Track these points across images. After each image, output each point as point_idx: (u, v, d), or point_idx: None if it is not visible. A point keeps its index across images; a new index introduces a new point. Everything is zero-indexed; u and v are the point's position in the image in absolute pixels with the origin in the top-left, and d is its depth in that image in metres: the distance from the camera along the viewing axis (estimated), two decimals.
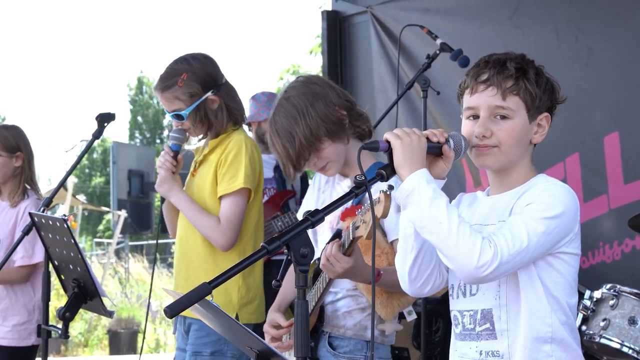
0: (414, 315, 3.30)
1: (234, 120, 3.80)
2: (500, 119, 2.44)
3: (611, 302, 4.01)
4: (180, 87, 3.69)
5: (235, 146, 3.70)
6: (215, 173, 3.71)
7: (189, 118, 3.73)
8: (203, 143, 3.86)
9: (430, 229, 2.28)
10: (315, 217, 2.20)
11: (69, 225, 3.58)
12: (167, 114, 3.80)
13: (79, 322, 13.04)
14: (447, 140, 2.39)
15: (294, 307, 2.20)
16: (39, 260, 4.48)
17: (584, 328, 4.03)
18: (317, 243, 3.34)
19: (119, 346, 12.73)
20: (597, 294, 4.07)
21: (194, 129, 3.76)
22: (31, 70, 71.45)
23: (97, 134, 4.00)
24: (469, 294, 2.49)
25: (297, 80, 3.34)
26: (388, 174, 2.31)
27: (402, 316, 3.31)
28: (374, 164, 3.22)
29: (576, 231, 2.42)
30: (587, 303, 4.07)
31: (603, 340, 3.96)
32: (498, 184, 2.53)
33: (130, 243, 22.48)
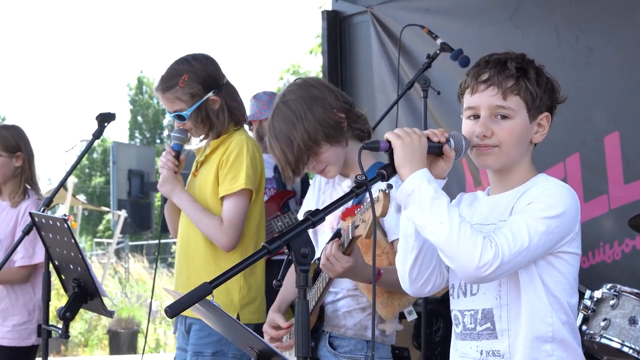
0: (414, 315, 3.30)
1: (235, 121, 3.80)
2: (501, 118, 2.44)
3: (611, 302, 4.00)
4: (181, 88, 3.70)
5: (237, 147, 3.70)
6: (216, 173, 3.71)
7: (191, 118, 3.73)
8: (204, 143, 3.86)
9: (431, 229, 2.28)
10: (315, 217, 2.20)
11: (69, 225, 3.58)
12: (168, 114, 3.80)
13: (79, 322, 13.04)
14: (448, 140, 2.39)
15: (295, 307, 2.20)
16: (39, 260, 4.47)
17: (584, 328, 4.03)
18: (318, 243, 3.34)
19: (119, 346, 12.73)
20: (598, 294, 4.07)
21: (196, 129, 3.76)
22: (31, 70, 71.50)
23: (98, 134, 4.01)
24: (470, 294, 2.48)
25: (295, 83, 3.33)
26: (389, 173, 2.31)
27: (403, 316, 3.31)
28: (374, 164, 3.22)
29: (577, 231, 2.42)
30: (588, 303, 4.07)
31: (603, 340, 3.96)
32: (498, 184, 2.53)
33: (130, 243, 22.48)
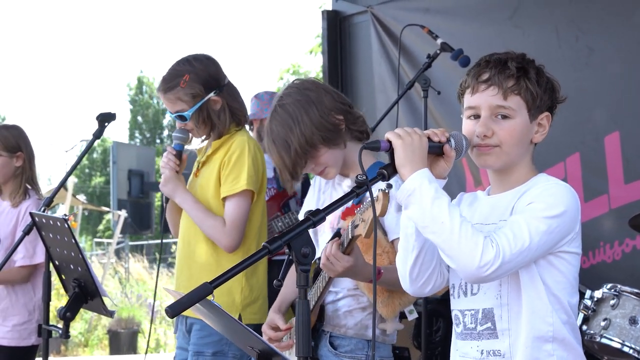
0: (415, 314, 3.29)
1: (236, 121, 3.80)
2: (502, 118, 2.44)
3: (612, 302, 4.00)
4: (182, 88, 3.70)
5: (239, 147, 3.70)
6: (218, 174, 3.72)
7: (192, 119, 3.73)
8: (206, 144, 3.87)
9: (432, 229, 2.28)
10: (316, 217, 2.20)
11: (69, 225, 3.59)
12: (170, 115, 3.80)
13: (79, 322, 13.04)
14: (449, 139, 2.39)
15: (295, 307, 2.20)
16: (40, 260, 4.47)
17: (584, 328, 4.02)
18: (318, 242, 3.34)
19: (119, 346, 12.73)
20: (598, 294, 4.06)
21: (197, 129, 3.76)
22: (31, 70, 71.49)
23: (98, 134, 4.01)
24: (470, 294, 2.48)
25: (292, 86, 3.32)
26: (389, 173, 2.31)
27: (404, 316, 3.31)
28: (374, 163, 3.22)
29: (577, 230, 2.42)
30: (588, 303, 4.06)
31: (604, 340, 3.95)
32: (499, 184, 2.53)
33: (130, 243, 22.47)
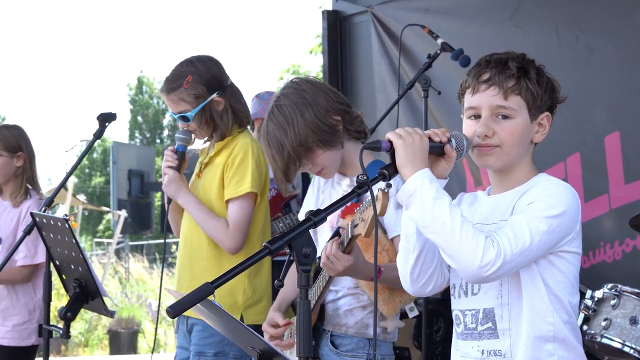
0: (415, 312, 3.29)
1: (239, 122, 3.80)
2: (502, 118, 2.44)
3: (612, 302, 4.00)
4: (185, 89, 3.70)
5: (242, 150, 3.71)
6: (222, 176, 3.72)
7: (195, 119, 3.73)
8: (208, 144, 3.87)
9: (433, 229, 2.28)
10: (317, 217, 2.20)
11: (70, 225, 3.59)
12: (172, 116, 3.80)
13: (79, 322, 13.04)
14: (449, 139, 2.39)
15: (296, 307, 2.20)
16: (41, 260, 4.47)
17: (585, 328, 4.02)
18: (318, 242, 3.34)
19: (119, 346, 12.74)
20: (599, 294, 4.06)
21: (200, 130, 3.77)
22: (31, 70, 71.46)
23: (99, 134, 4.01)
24: (471, 294, 2.49)
25: (289, 86, 3.31)
26: (390, 173, 2.31)
27: (405, 315, 3.31)
28: (372, 162, 3.22)
29: (577, 230, 2.42)
30: (589, 303, 4.06)
31: (604, 340, 3.95)
32: (499, 184, 2.53)
33: (130, 243, 22.47)
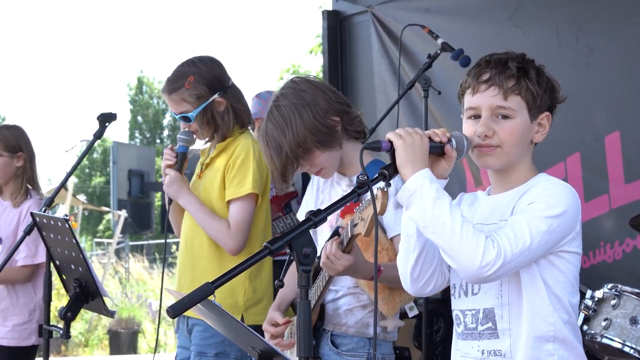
0: (415, 311, 3.28)
1: (240, 123, 3.81)
2: (502, 118, 2.44)
3: (612, 302, 4.00)
4: (187, 89, 3.71)
5: (243, 151, 3.71)
6: (223, 177, 3.72)
7: (196, 120, 3.74)
8: (209, 145, 3.87)
9: (433, 229, 2.28)
10: (317, 217, 2.20)
11: (70, 225, 3.59)
12: (174, 116, 3.80)
13: (79, 322, 13.04)
14: (449, 139, 2.39)
15: (296, 307, 2.20)
16: (41, 260, 4.47)
17: (585, 328, 4.02)
18: (317, 241, 3.34)
19: (119, 346, 12.74)
20: (599, 294, 4.06)
21: (201, 131, 3.77)
22: (31, 70, 71.44)
23: (99, 134, 4.02)
24: (471, 294, 2.49)
25: (288, 86, 3.30)
26: (390, 173, 2.31)
27: (405, 315, 3.31)
28: (372, 162, 3.23)
29: (577, 230, 2.42)
30: (589, 303, 4.06)
31: (604, 340, 3.95)
32: (499, 184, 2.53)
33: (130, 243, 22.46)
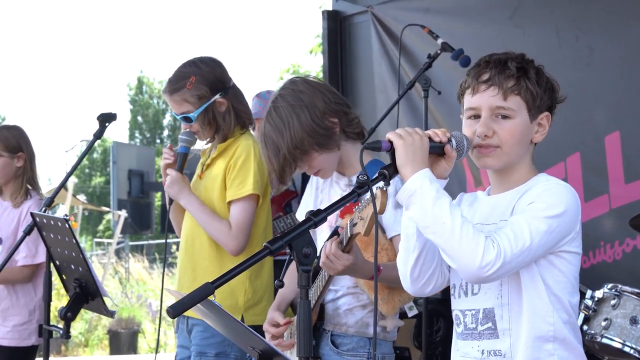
0: (415, 310, 3.28)
1: (241, 124, 3.81)
2: (502, 118, 2.44)
3: (612, 302, 4.00)
4: (188, 90, 3.71)
5: (244, 151, 3.71)
6: (224, 177, 3.73)
7: (198, 120, 3.74)
8: (210, 146, 3.87)
9: (433, 229, 2.28)
10: (317, 217, 2.20)
11: (70, 225, 3.59)
12: (175, 116, 3.80)
13: (79, 322, 13.04)
14: (449, 139, 2.39)
15: (296, 307, 2.20)
16: (42, 260, 4.48)
17: (585, 328, 4.02)
18: (317, 241, 3.34)
19: (119, 346, 12.74)
20: (599, 294, 4.06)
21: (202, 131, 3.77)
22: (31, 70, 71.44)
23: (99, 134, 4.02)
24: (471, 294, 2.49)
25: (287, 87, 3.29)
26: (390, 173, 2.31)
27: (404, 315, 3.31)
28: (371, 162, 3.23)
29: (577, 230, 2.42)
30: (589, 303, 4.06)
31: (604, 340, 3.95)
32: (499, 184, 2.53)
33: (130, 243, 22.46)
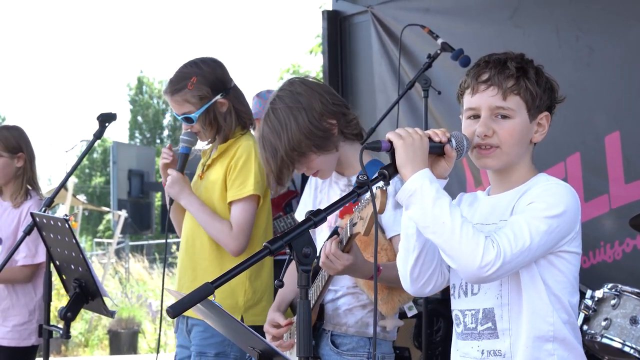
0: (414, 310, 3.29)
1: (242, 124, 3.81)
2: (501, 118, 2.44)
3: (612, 302, 4.00)
4: (190, 90, 3.71)
5: (245, 152, 3.72)
6: (224, 178, 3.73)
7: (199, 121, 3.74)
8: (211, 146, 3.87)
9: (433, 229, 2.28)
10: (317, 217, 2.20)
11: (70, 225, 3.59)
12: (176, 117, 3.80)
13: (79, 322, 13.04)
14: (449, 139, 2.39)
15: (296, 307, 2.20)
16: (42, 260, 4.48)
17: (585, 328, 4.02)
18: (317, 241, 3.34)
19: (119, 346, 12.74)
20: (599, 294, 4.06)
21: (204, 131, 3.77)
22: (31, 70, 71.43)
23: (99, 134, 4.02)
24: (471, 293, 2.49)
25: (285, 88, 3.29)
26: (390, 173, 2.31)
27: (404, 315, 3.31)
28: (370, 162, 3.23)
29: (577, 230, 2.42)
30: (589, 302, 4.06)
31: (604, 340, 3.95)
32: (499, 184, 2.53)
33: (130, 243, 22.46)
